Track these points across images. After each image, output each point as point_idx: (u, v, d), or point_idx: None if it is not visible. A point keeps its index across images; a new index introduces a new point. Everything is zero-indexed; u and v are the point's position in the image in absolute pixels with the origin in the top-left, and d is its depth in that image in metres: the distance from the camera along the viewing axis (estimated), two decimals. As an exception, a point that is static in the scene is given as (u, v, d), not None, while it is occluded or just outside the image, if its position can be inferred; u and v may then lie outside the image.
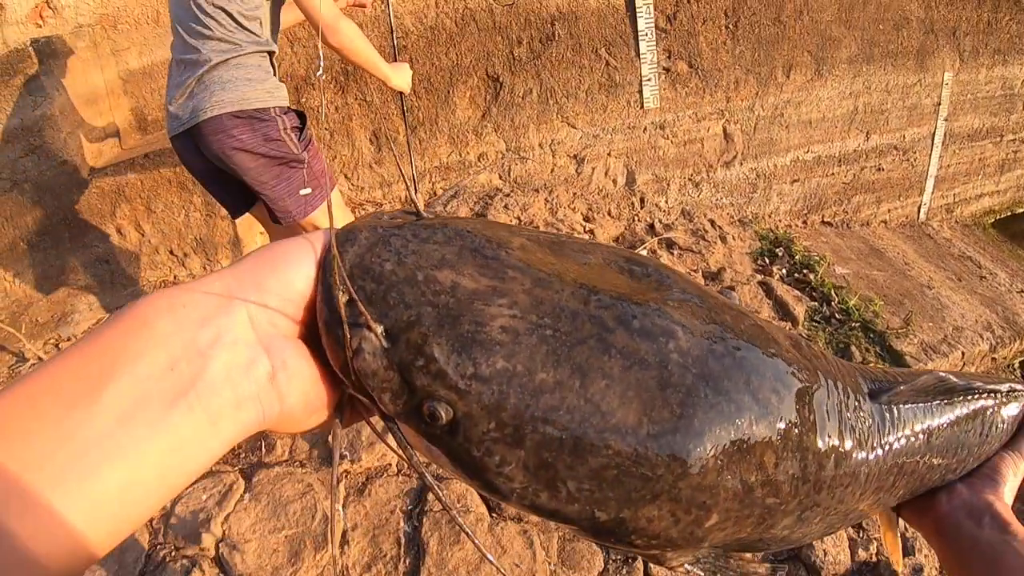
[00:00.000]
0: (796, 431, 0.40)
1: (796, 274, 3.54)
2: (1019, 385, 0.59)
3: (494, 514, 2.12)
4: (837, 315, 3.35)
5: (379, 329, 0.35)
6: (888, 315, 3.47)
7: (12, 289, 2.78)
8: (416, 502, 2.11)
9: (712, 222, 3.57)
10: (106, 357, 0.30)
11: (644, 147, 3.43)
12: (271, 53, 1.97)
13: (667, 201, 3.54)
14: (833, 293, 3.44)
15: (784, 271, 3.54)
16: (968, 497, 0.54)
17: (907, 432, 0.50)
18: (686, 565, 0.44)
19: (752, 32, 3.48)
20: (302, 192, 2.00)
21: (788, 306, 3.22)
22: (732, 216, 3.76)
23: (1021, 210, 5.35)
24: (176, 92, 1.88)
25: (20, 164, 2.54)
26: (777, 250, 3.65)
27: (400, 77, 2.14)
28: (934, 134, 4.40)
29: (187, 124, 1.87)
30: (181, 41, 1.87)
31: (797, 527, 0.45)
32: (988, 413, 0.56)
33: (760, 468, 0.39)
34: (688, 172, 3.57)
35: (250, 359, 0.33)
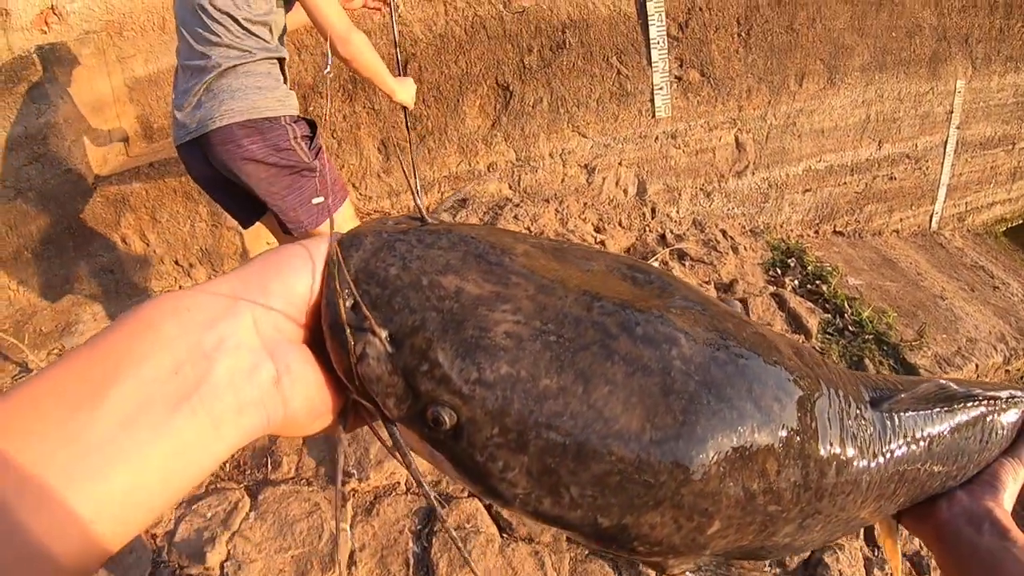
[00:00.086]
0: (798, 439, 0.41)
1: (809, 285, 3.49)
2: (1019, 392, 0.60)
3: (505, 534, 2.07)
4: (850, 327, 3.30)
5: (383, 334, 0.35)
6: (902, 327, 3.43)
7: (16, 298, 2.75)
8: (425, 522, 2.07)
9: (724, 232, 3.53)
10: (110, 359, 0.30)
11: (655, 157, 3.39)
12: (281, 60, 1.92)
13: (678, 211, 3.49)
14: (846, 305, 3.39)
15: (796, 282, 3.49)
16: (968, 504, 0.54)
17: (908, 440, 0.50)
18: (688, 573, 0.43)
19: (764, 40, 3.44)
20: (314, 201, 1.96)
21: (801, 318, 3.18)
22: (744, 226, 3.71)
23: (1033, 219, 5.30)
24: (183, 99, 1.84)
25: (24, 172, 2.50)
26: (789, 261, 3.60)
27: (405, 92, 2.11)
28: (946, 142, 4.36)
29: (195, 133, 1.83)
30: (187, 46, 1.83)
31: (799, 535, 0.45)
32: (988, 420, 0.56)
33: (762, 475, 0.39)
34: (700, 182, 3.53)
35: (254, 363, 0.33)
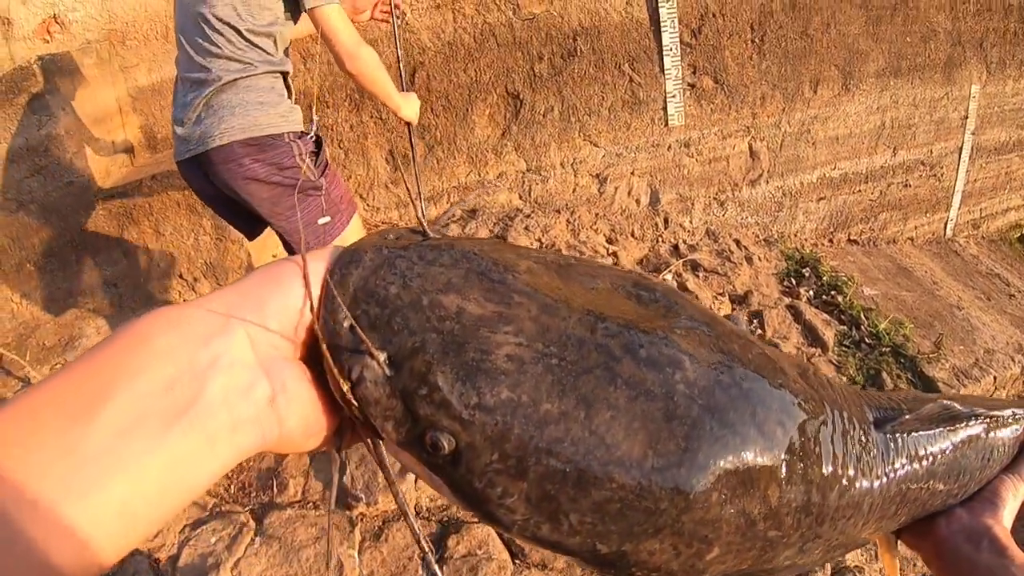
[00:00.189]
0: (800, 464, 0.41)
1: (824, 296, 3.42)
2: (1021, 410, 0.60)
3: (517, 560, 2.01)
4: (867, 339, 3.24)
5: (382, 356, 0.34)
6: (919, 339, 3.36)
7: (19, 311, 2.69)
8: (436, 548, 2.01)
9: (737, 242, 3.46)
10: (106, 373, 0.30)
11: (668, 166, 3.32)
12: (284, 73, 1.85)
13: (691, 221, 3.43)
14: (863, 316, 3.32)
15: (811, 293, 3.43)
16: (967, 521, 0.54)
17: (911, 461, 0.50)
18: None
19: (779, 46, 3.37)
20: (320, 221, 1.88)
21: (817, 331, 3.11)
22: (757, 235, 3.65)
23: (1047, 225, 5.22)
24: (182, 114, 1.77)
25: (26, 184, 2.45)
26: (804, 271, 3.54)
27: (409, 107, 2.05)
28: (961, 148, 4.29)
29: (195, 150, 1.76)
30: (187, 57, 1.76)
31: (798, 558, 0.45)
32: (990, 437, 0.56)
33: (763, 501, 0.39)
34: (713, 191, 3.46)
35: (249, 381, 0.33)
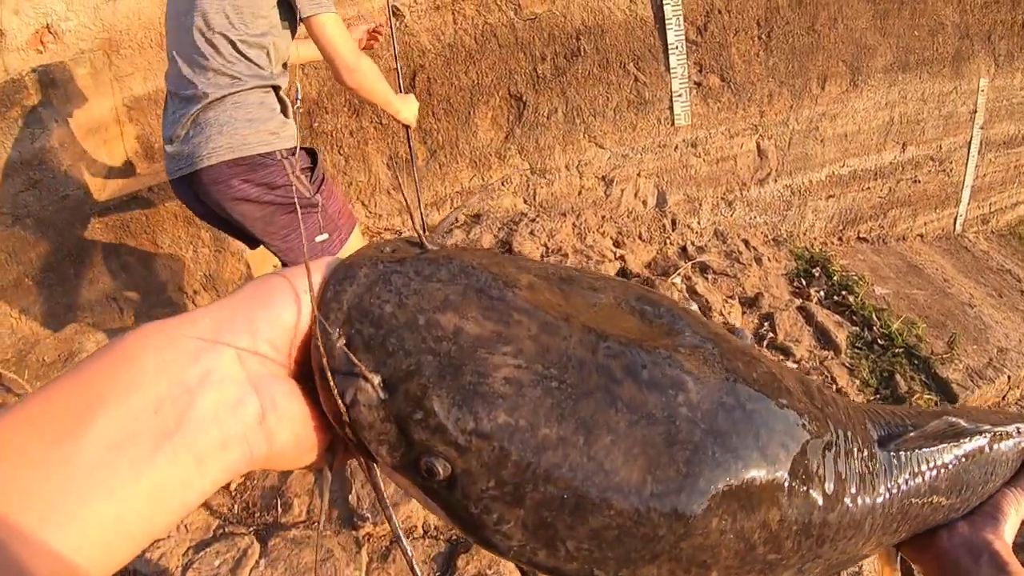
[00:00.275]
0: (803, 487, 0.40)
1: (835, 296, 3.37)
2: None
3: (531, 579, 1.96)
4: (880, 340, 3.18)
5: (376, 379, 0.33)
6: (932, 339, 3.31)
7: (18, 326, 2.64)
8: (445, 568, 1.95)
9: (746, 242, 3.40)
10: (92, 391, 0.29)
11: (675, 166, 3.26)
12: (276, 88, 1.76)
13: (699, 222, 3.37)
14: (875, 316, 3.27)
15: (822, 293, 3.37)
16: (969, 535, 0.54)
17: (914, 478, 0.49)
18: None
19: (786, 42, 3.31)
20: (317, 239, 1.81)
21: (830, 333, 3.06)
22: (766, 235, 3.59)
23: (1057, 218, 5.15)
24: (171, 131, 1.71)
25: (21, 199, 2.39)
26: (814, 270, 3.48)
27: (408, 110, 2.00)
28: (970, 143, 4.22)
29: (184, 170, 1.70)
30: (176, 72, 1.71)
31: None
32: (994, 453, 0.56)
33: (764, 526, 0.38)
34: (721, 191, 3.40)
35: (238, 399, 0.32)
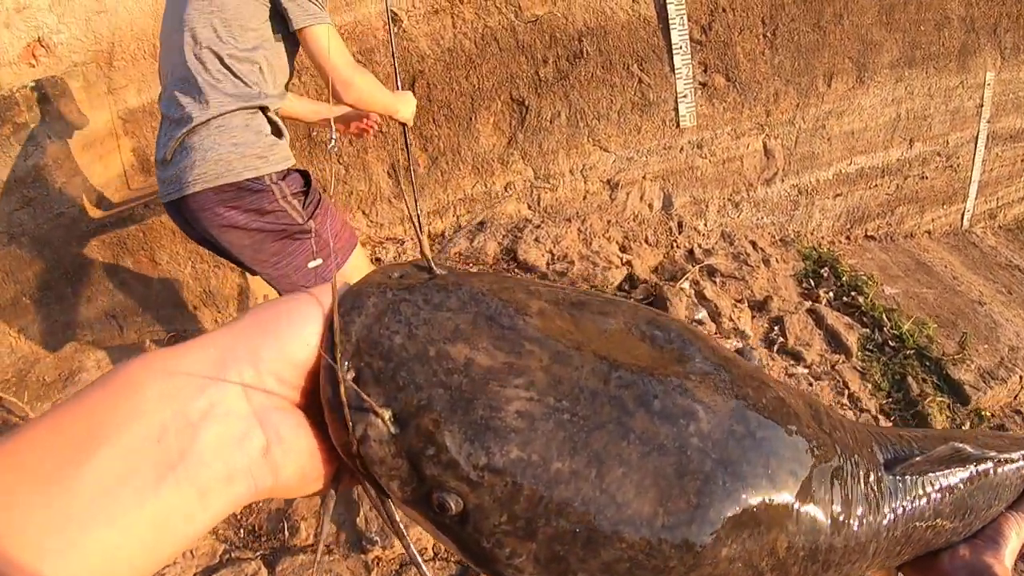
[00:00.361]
0: (810, 514, 0.40)
1: (844, 297, 3.32)
2: None
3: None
4: (891, 342, 3.14)
5: (387, 414, 0.33)
6: (943, 339, 3.26)
7: (18, 345, 2.59)
8: (461, 590, 1.91)
9: (753, 244, 3.35)
10: (93, 421, 0.29)
11: (681, 168, 3.21)
12: (264, 108, 1.66)
13: (706, 224, 3.32)
14: (885, 317, 3.22)
15: (831, 294, 3.32)
16: (970, 558, 0.54)
17: (918, 503, 0.50)
18: None
19: (791, 40, 3.25)
20: (311, 265, 1.73)
21: (840, 336, 3.01)
22: (773, 236, 3.54)
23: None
24: (160, 153, 1.66)
25: (16, 217, 2.34)
26: (822, 271, 3.43)
27: (406, 108, 1.92)
28: (977, 137, 4.17)
29: (171, 195, 1.64)
30: (168, 94, 1.66)
31: None
32: (998, 478, 0.56)
33: (771, 554, 0.39)
34: (727, 192, 3.35)
35: (243, 432, 0.32)
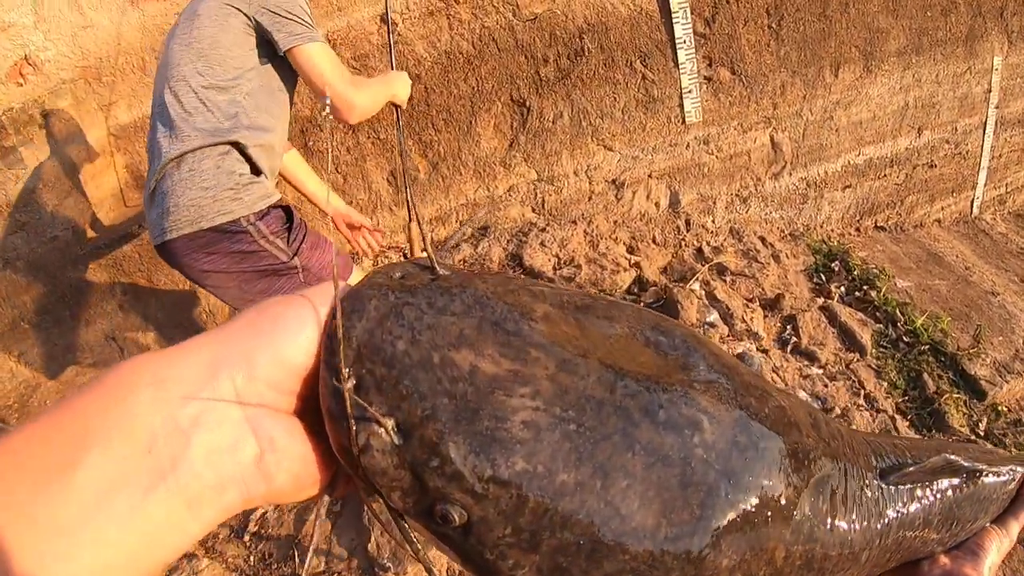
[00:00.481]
0: (808, 524, 0.41)
1: (856, 292, 3.26)
2: (1020, 467, 0.61)
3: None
4: (905, 338, 3.08)
5: (390, 424, 0.32)
6: (957, 332, 3.21)
7: (18, 370, 2.54)
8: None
9: (763, 239, 3.29)
10: (82, 426, 0.28)
11: (687, 165, 3.14)
12: (236, 144, 1.54)
13: (714, 221, 3.25)
14: (898, 312, 3.16)
15: (843, 289, 3.26)
16: (950, 568, 0.55)
17: (911, 512, 0.51)
18: None
19: (797, 30, 3.17)
20: None
21: (855, 334, 2.95)
22: (783, 230, 3.47)
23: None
24: (145, 193, 1.60)
25: (9, 242, 2.28)
26: (833, 265, 3.37)
27: (404, 91, 1.83)
28: (985, 123, 4.09)
29: (155, 241, 1.58)
30: (150, 128, 1.60)
31: None
32: (986, 492, 0.58)
33: (769, 563, 0.39)
34: (735, 187, 3.28)
35: (235, 440, 0.31)
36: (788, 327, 2.92)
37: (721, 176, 3.23)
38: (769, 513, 0.38)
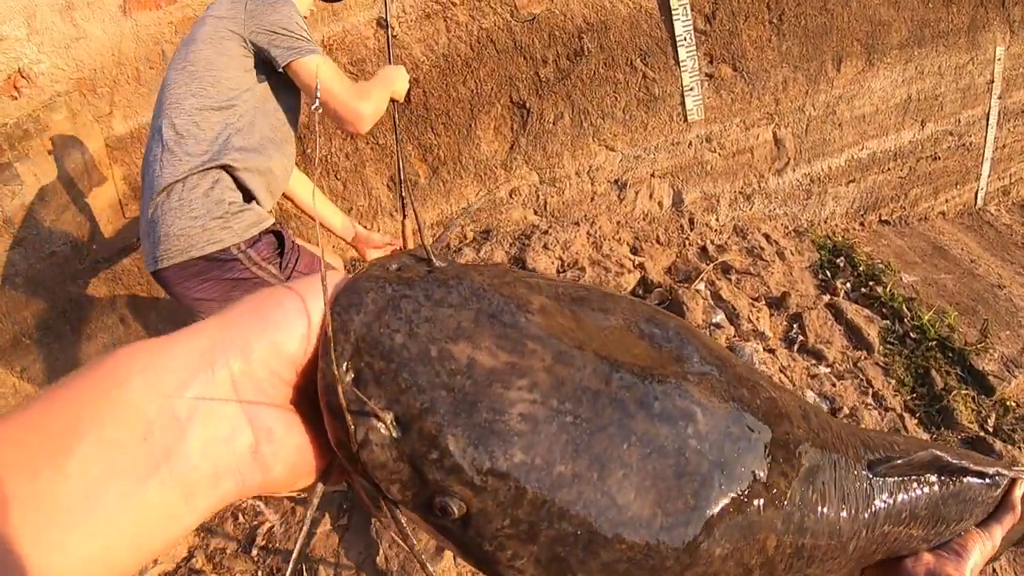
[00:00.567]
0: (798, 513, 0.41)
1: (863, 288, 3.24)
2: (1005, 471, 0.61)
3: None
4: (912, 334, 3.06)
5: (388, 417, 0.32)
6: (964, 327, 3.19)
7: (21, 386, 2.52)
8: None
9: (767, 236, 3.26)
10: (73, 415, 0.27)
11: (690, 163, 3.11)
12: (226, 167, 1.50)
13: (718, 219, 3.23)
14: (905, 308, 3.14)
15: (849, 285, 3.24)
16: (933, 567, 0.55)
17: (897, 506, 0.51)
18: None
19: (798, 24, 3.13)
20: None
21: (861, 331, 2.93)
22: (787, 227, 3.45)
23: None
24: (141, 219, 1.58)
25: (8, 258, 2.26)
26: (838, 261, 3.34)
27: (403, 87, 1.81)
28: (988, 114, 4.06)
29: (148, 269, 1.58)
30: (145, 155, 1.58)
31: None
32: (972, 493, 0.58)
33: (761, 551, 0.39)
34: (738, 185, 3.25)
35: (231, 430, 0.31)
36: (794, 326, 2.89)
37: (724, 174, 3.21)
38: (761, 502, 0.39)
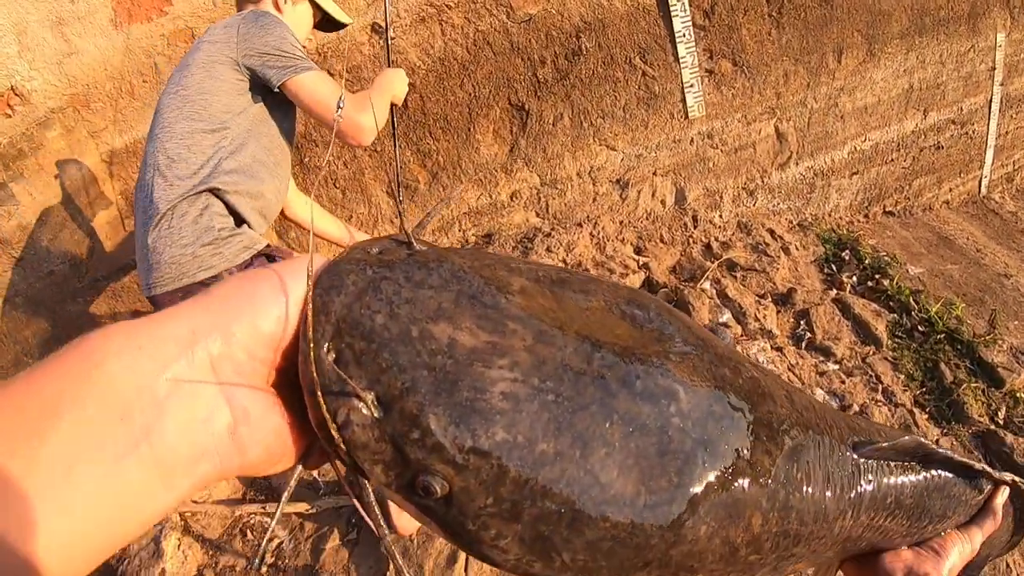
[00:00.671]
0: (783, 491, 0.41)
1: (869, 281, 3.21)
2: (991, 471, 0.61)
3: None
4: (920, 327, 3.03)
5: (370, 397, 0.32)
6: (972, 318, 3.16)
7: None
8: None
9: (771, 232, 3.23)
10: (52, 394, 0.27)
11: (692, 160, 3.08)
12: (215, 191, 1.47)
13: (721, 216, 3.20)
14: (912, 300, 3.11)
15: (855, 279, 3.21)
16: (911, 563, 0.55)
17: (882, 490, 0.51)
18: None
19: (798, 16, 3.10)
20: None
21: (869, 325, 2.91)
22: (791, 221, 3.41)
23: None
24: (136, 244, 1.57)
25: (8, 279, 2.23)
26: (843, 254, 3.31)
27: (402, 90, 1.82)
28: (991, 101, 4.02)
29: (143, 292, 1.56)
30: (138, 180, 1.56)
31: None
32: (955, 490, 0.57)
33: (747, 530, 0.39)
34: (741, 181, 3.22)
35: (209, 411, 0.31)
36: (802, 322, 2.87)
37: (727, 170, 3.17)
38: (745, 481, 0.38)
